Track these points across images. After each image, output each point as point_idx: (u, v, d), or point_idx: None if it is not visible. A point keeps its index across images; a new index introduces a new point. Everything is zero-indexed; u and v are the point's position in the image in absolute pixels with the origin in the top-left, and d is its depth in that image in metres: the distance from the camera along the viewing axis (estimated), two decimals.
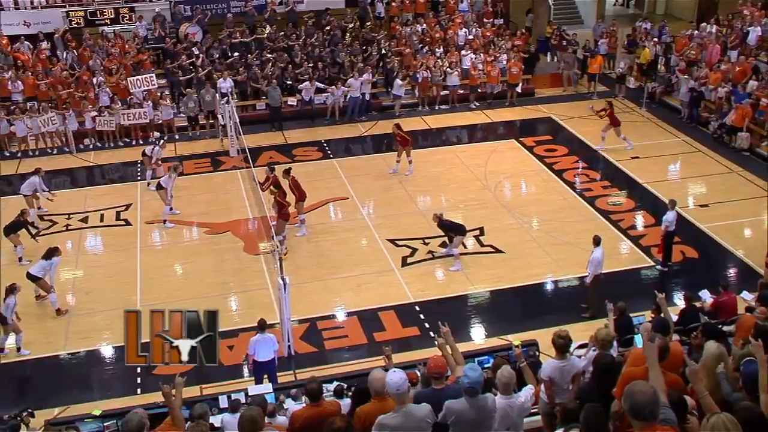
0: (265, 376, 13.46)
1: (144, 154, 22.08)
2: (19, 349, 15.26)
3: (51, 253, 16.43)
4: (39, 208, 20.50)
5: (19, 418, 11.00)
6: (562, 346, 8.47)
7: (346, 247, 18.67)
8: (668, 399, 5.93)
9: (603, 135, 23.21)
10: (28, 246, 18.36)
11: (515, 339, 13.07)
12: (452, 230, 17.42)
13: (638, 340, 8.90)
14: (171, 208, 20.09)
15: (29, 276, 16.18)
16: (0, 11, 27.55)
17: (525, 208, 20.24)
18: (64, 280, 17.73)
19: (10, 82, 25.46)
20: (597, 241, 15.27)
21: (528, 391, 8.27)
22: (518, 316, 15.93)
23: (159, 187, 20.06)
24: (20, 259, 18.27)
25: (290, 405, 10.79)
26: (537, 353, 11.96)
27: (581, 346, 10.44)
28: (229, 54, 27.57)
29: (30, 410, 11.38)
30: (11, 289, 15.19)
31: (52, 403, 13.67)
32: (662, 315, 10.39)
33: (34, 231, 19.04)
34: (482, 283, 16.98)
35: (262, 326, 13.55)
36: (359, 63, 26.93)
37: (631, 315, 12.42)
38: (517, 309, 16.28)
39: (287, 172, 18.98)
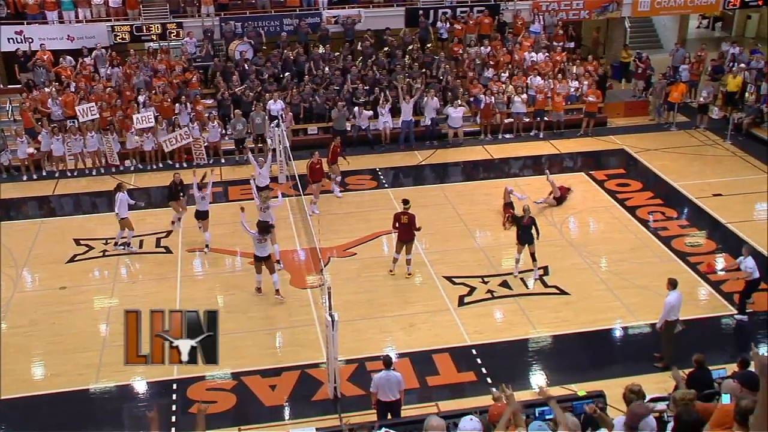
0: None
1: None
2: None
3: None
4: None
5: None
6: (634, 401, 8.34)
7: (399, 284, 18.61)
8: None
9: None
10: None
11: (580, 389, 12.82)
12: None
13: (725, 397, 8.67)
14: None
15: None
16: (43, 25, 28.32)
17: (593, 247, 20.03)
18: (99, 309, 17.95)
19: (50, 99, 26.04)
20: (673, 285, 14.95)
21: None
22: (583, 363, 15.66)
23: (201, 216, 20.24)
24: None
25: None
26: (604, 406, 11.73)
27: (653, 400, 10.27)
28: (281, 75, 28.00)
29: None
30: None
31: None
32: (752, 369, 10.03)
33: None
34: (545, 326, 16.77)
35: (388, 363, 13.21)
36: (417, 85, 27.11)
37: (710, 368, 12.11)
38: (582, 356, 16.00)
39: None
